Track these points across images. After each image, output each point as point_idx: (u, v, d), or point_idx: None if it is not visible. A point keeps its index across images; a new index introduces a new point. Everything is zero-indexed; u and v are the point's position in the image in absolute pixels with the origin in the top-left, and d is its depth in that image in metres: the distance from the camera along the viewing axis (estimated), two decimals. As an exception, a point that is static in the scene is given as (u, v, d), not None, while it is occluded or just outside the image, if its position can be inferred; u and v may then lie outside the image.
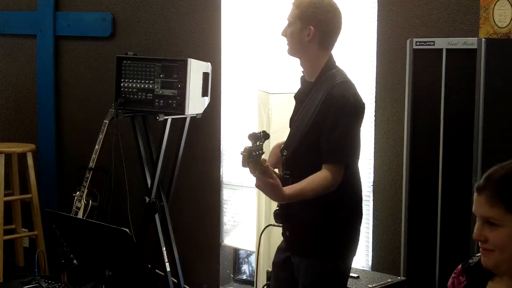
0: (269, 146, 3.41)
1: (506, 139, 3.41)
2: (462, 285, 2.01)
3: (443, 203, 3.47)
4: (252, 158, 2.50)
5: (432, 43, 3.49)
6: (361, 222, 2.93)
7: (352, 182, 2.83)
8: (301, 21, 2.82)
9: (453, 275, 2.05)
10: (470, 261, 2.03)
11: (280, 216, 2.87)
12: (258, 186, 2.65)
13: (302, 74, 2.96)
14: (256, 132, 2.55)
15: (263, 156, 2.58)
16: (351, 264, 2.94)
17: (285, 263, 2.95)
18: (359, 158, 2.85)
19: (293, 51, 2.90)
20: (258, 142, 2.53)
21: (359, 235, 2.92)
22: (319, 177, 2.71)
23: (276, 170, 2.93)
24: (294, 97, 2.99)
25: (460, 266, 2.05)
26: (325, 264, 2.83)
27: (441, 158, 3.47)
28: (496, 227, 1.82)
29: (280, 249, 3.02)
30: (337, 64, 2.90)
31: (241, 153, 2.51)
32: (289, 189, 2.68)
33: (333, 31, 2.86)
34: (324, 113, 2.73)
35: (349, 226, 2.87)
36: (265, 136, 2.56)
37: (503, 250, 1.83)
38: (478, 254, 1.99)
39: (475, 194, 1.88)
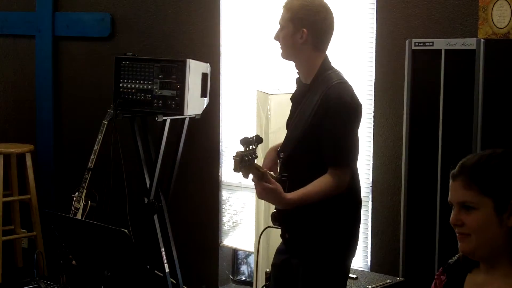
0: (267, 147, 3.41)
1: (505, 139, 3.41)
2: (443, 284, 2.05)
3: (442, 203, 3.47)
4: (244, 163, 2.50)
5: (431, 44, 3.49)
6: (360, 223, 2.93)
7: (352, 184, 2.83)
8: (293, 24, 2.82)
9: (435, 276, 2.08)
10: (450, 261, 2.08)
11: (278, 218, 2.87)
12: (259, 194, 2.65)
13: (298, 76, 2.95)
14: (248, 136, 2.54)
15: (256, 161, 2.58)
16: (350, 265, 2.94)
17: (284, 264, 2.95)
18: (358, 159, 2.86)
19: (287, 55, 2.89)
20: (250, 147, 2.53)
21: (358, 236, 2.92)
22: (323, 181, 2.71)
23: (272, 173, 2.93)
24: (290, 99, 2.99)
25: (441, 268, 2.09)
26: (324, 265, 2.82)
27: (440, 158, 3.47)
28: (472, 210, 1.88)
29: (279, 251, 3.02)
30: (332, 65, 2.90)
31: (233, 158, 2.51)
32: (291, 194, 2.68)
33: (326, 31, 2.86)
34: (322, 115, 2.73)
35: (348, 227, 2.87)
36: (257, 140, 2.56)
37: (479, 233, 1.88)
38: (457, 255, 2.04)
39: (450, 182, 1.94)
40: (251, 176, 2.60)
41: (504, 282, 1.88)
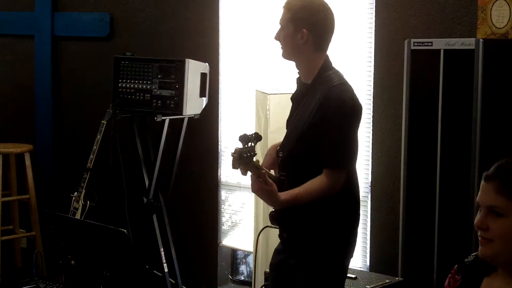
0: (267, 147, 3.40)
1: (504, 139, 3.41)
2: (457, 284, 2.02)
3: (441, 203, 3.47)
4: (242, 160, 2.50)
5: (430, 44, 3.49)
6: (358, 223, 2.93)
7: (350, 184, 2.83)
8: (293, 24, 2.81)
9: (449, 275, 2.06)
10: (466, 260, 2.04)
11: (276, 218, 2.87)
12: (254, 190, 2.66)
13: (298, 76, 2.95)
14: (247, 134, 2.55)
15: (255, 158, 2.58)
16: (348, 265, 2.93)
17: (282, 264, 2.95)
18: (356, 160, 2.86)
19: (288, 55, 2.89)
20: (249, 144, 2.53)
21: (356, 236, 2.92)
22: (316, 182, 2.71)
23: (272, 172, 2.93)
24: (291, 98, 2.98)
25: (456, 266, 2.06)
26: (322, 265, 2.82)
27: (439, 158, 3.47)
28: (500, 217, 1.83)
29: (277, 251, 3.01)
30: (333, 65, 2.89)
31: (231, 155, 2.51)
32: (285, 195, 2.68)
33: (327, 31, 2.85)
34: (322, 116, 2.73)
35: (346, 227, 2.87)
36: (256, 138, 2.56)
37: (503, 241, 1.84)
38: (474, 254, 2.00)
39: (482, 182, 1.89)
40: (249, 173, 2.60)
41: None
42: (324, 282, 2.83)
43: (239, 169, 2.54)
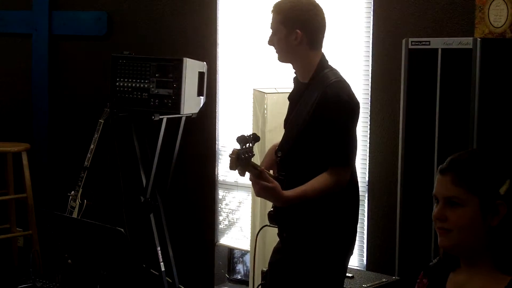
0: (265, 146, 3.41)
1: (501, 138, 3.42)
2: (425, 286, 2.05)
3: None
4: (240, 161, 2.50)
5: (427, 43, 3.49)
6: (358, 221, 2.93)
7: (352, 182, 2.83)
8: (285, 27, 2.82)
9: (417, 280, 2.09)
10: (430, 263, 2.08)
11: (275, 217, 2.86)
12: (257, 192, 2.65)
13: (295, 75, 2.95)
14: (245, 134, 2.54)
15: (253, 159, 2.58)
16: (347, 264, 2.94)
17: (281, 263, 2.95)
18: (356, 157, 2.86)
19: (284, 58, 2.89)
20: (247, 145, 2.53)
21: (356, 234, 2.92)
22: (322, 180, 2.71)
23: (272, 172, 2.93)
24: (288, 98, 2.98)
25: (422, 272, 2.09)
26: (322, 264, 2.82)
27: (436, 157, 3.47)
28: (458, 207, 1.87)
29: (276, 250, 3.01)
30: (330, 63, 2.90)
31: (229, 156, 2.50)
32: (290, 192, 2.68)
33: (319, 28, 2.85)
34: (320, 114, 2.73)
35: (346, 225, 2.87)
36: (255, 138, 2.56)
37: (461, 230, 1.87)
38: (437, 257, 2.03)
39: (438, 176, 1.93)
40: (247, 174, 2.60)
41: (485, 280, 1.88)
42: (324, 280, 2.83)
43: (237, 170, 2.54)
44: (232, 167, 2.51)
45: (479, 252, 1.89)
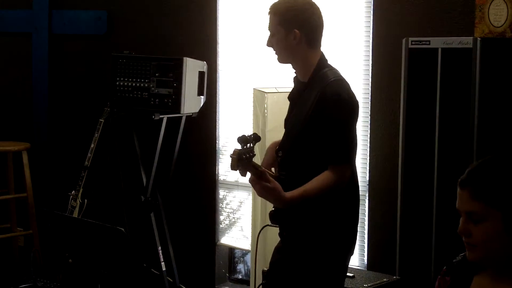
0: (265, 146, 3.40)
1: (502, 138, 3.42)
2: (447, 284, 2.02)
3: (438, 202, 3.48)
4: (242, 161, 2.50)
5: (427, 43, 3.49)
6: (358, 221, 2.93)
7: (350, 182, 2.83)
8: (283, 27, 2.82)
9: (439, 276, 2.07)
10: (454, 260, 2.05)
11: (276, 217, 2.87)
12: (258, 192, 2.65)
13: (295, 75, 2.96)
14: (246, 134, 2.55)
15: (254, 159, 2.58)
16: (348, 264, 2.94)
17: (282, 263, 2.95)
18: (356, 155, 2.87)
19: (284, 58, 2.89)
20: (248, 145, 2.53)
21: (356, 234, 2.93)
22: (323, 179, 2.71)
23: (273, 169, 2.93)
24: (288, 97, 2.99)
25: (445, 267, 2.07)
26: (323, 264, 2.82)
27: (436, 157, 3.47)
28: (480, 221, 1.84)
29: (277, 249, 3.02)
30: (329, 62, 2.90)
31: (230, 156, 2.51)
32: (292, 193, 2.68)
33: (317, 27, 2.86)
34: (319, 113, 2.73)
35: (347, 225, 2.87)
36: (255, 138, 2.56)
37: (486, 245, 1.85)
38: (462, 254, 2.00)
39: (458, 189, 1.90)
40: (248, 174, 2.60)
41: None
42: (326, 280, 2.83)
43: (238, 170, 2.54)
44: (233, 167, 2.51)
45: (506, 263, 1.86)
